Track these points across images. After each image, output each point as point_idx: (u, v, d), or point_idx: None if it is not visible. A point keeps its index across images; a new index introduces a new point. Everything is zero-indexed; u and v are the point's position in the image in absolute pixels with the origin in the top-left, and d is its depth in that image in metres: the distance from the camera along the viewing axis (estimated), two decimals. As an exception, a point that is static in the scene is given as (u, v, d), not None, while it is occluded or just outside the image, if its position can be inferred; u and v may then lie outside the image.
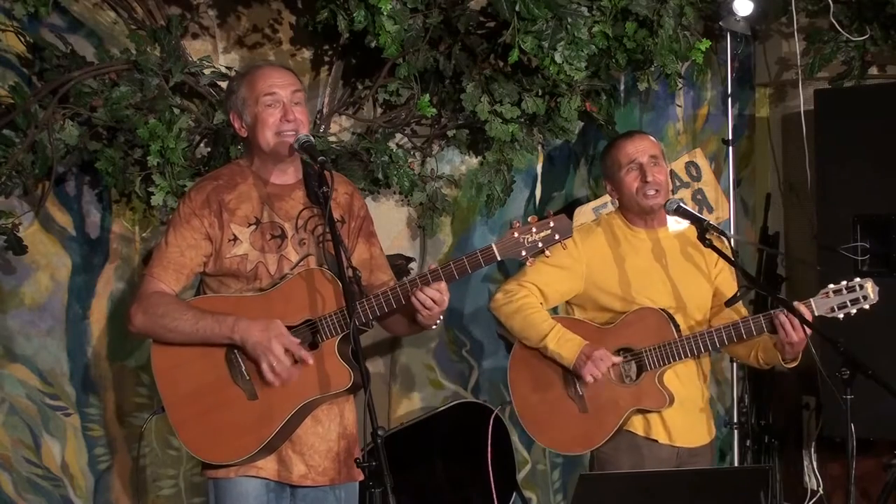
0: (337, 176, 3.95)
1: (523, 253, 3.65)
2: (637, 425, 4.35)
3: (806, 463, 6.19)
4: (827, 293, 4.19)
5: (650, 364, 4.28)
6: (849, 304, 4.17)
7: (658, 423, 4.35)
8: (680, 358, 4.28)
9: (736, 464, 5.95)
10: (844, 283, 4.19)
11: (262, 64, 3.91)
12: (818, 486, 6.13)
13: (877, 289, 4.19)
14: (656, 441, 4.35)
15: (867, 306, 4.18)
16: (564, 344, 4.30)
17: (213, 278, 3.85)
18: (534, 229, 3.65)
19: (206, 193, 3.83)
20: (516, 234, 3.66)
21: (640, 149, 4.40)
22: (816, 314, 4.19)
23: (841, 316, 4.18)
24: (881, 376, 3.99)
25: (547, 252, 3.67)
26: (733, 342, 4.29)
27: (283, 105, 3.77)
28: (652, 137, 4.51)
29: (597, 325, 4.37)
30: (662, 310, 4.31)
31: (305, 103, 3.85)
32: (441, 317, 3.79)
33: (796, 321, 4.14)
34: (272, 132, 3.78)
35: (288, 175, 3.87)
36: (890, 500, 5.61)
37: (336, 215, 3.83)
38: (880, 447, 5.69)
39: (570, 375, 4.33)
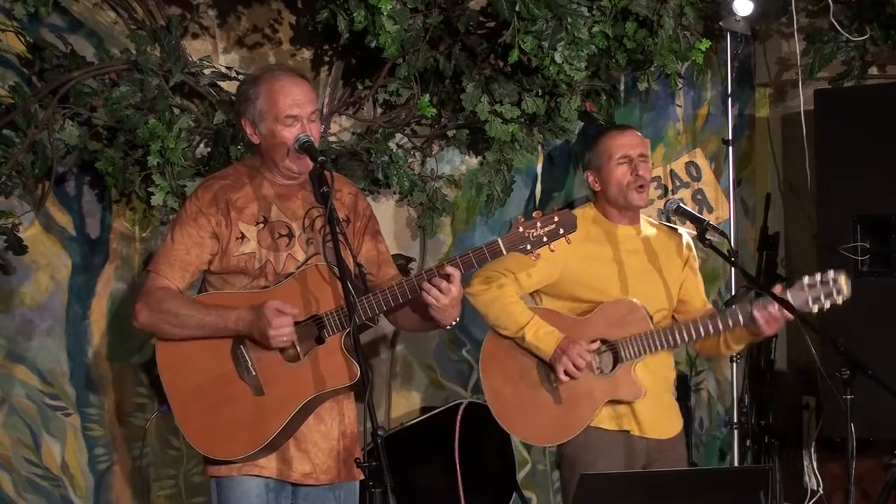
0: (340, 177, 4.00)
1: (528, 247, 3.69)
2: (607, 421, 4.35)
3: (806, 463, 6.19)
4: (802, 286, 4.21)
5: (626, 355, 4.29)
6: (822, 297, 4.19)
7: (629, 414, 4.35)
8: (655, 349, 4.30)
9: (736, 464, 5.95)
10: (819, 275, 4.20)
11: (280, 72, 3.85)
12: (818, 486, 6.13)
13: (849, 282, 4.20)
14: (628, 433, 4.35)
15: (840, 301, 4.19)
16: (543, 337, 4.30)
17: (217, 276, 3.86)
18: (538, 224, 3.69)
19: (214, 192, 3.85)
20: (521, 229, 3.70)
21: (632, 143, 4.44)
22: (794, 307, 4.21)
23: (815, 309, 4.19)
24: (881, 376, 3.99)
25: (551, 247, 3.70)
26: (709, 335, 4.31)
27: (301, 124, 3.80)
28: (640, 134, 4.53)
29: (572, 316, 4.37)
30: (637, 301, 4.32)
31: (319, 117, 3.87)
32: (456, 318, 3.80)
33: (773, 316, 4.17)
34: (285, 150, 3.80)
35: (296, 178, 3.89)
36: (890, 500, 5.61)
37: (341, 215, 3.85)
38: (880, 447, 5.70)
39: (545, 366, 4.34)
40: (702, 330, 4.29)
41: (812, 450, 6.16)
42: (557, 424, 4.35)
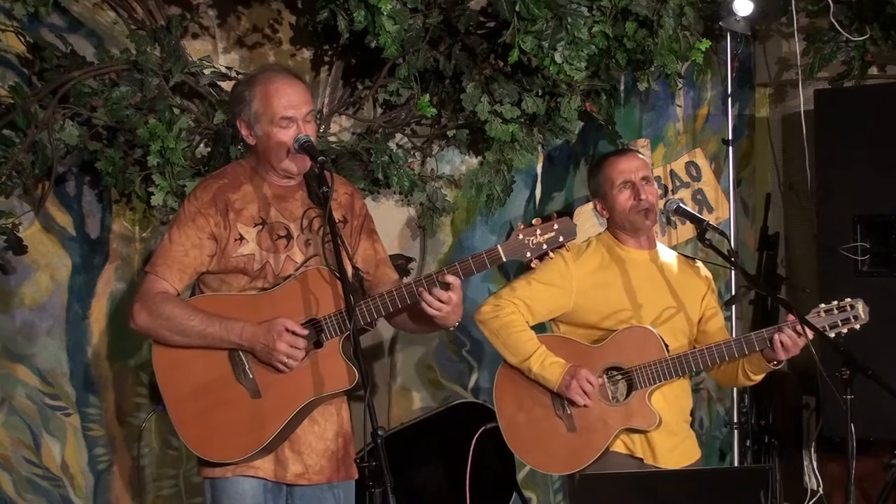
0: (336, 177, 3.98)
1: (528, 254, 3.69)
2: (620, 445, 4.33)
3: (806, 463, 6.19)
4: (818, 312, 4.21)
5: (640, 383, 4.27)
6: (840, 323, 4.19)
7: (643, 442, 4.33)
8: (670, 377, 4.27)
9: (736, 464, 5.95)
10: (836, 303, 4.21)
11: (275, 74, 3.85)
12: (818, 486, 6.13)
13: (867, 309, 4.21)
14: (641, 460, 4.33)
15: (858, 327, 4.20)
16: (548, 367, 4.29)
17: (214, 276, 3.85)
18: (538, 231, 3.69)
19: (213, 192, 3.83)
20: (521, 236, 3.70)
21: (632, 168, 4.39)
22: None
23: (832, 335, 4.18)
24: (881, 376, 3.99)
25: (551, 254, 3.70)
26: (724, 361, 4.29)
27: (296, 126, 3.79)
28: (641, 155, 4.51)
29: (585, 344, 4.35)
30: (652, 328, 4.31)
31: (315, 118, 3.88)
32: (458, 320, 3.81)
33: (793, 341, 4.15)
34: (284, 152, 3.80)
35: (292, 178, 3.89)
36: (890, 500, 5.61)
37: (338, 216, 3.85)
38: (880, 447, 5.69)
39: (558, 394, 4.31)
40: (716, 356, 4.25)
41: (812, 450, 6.15)
42: (571, 453, 4.32)
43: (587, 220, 5.58)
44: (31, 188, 4.94)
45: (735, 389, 6.05)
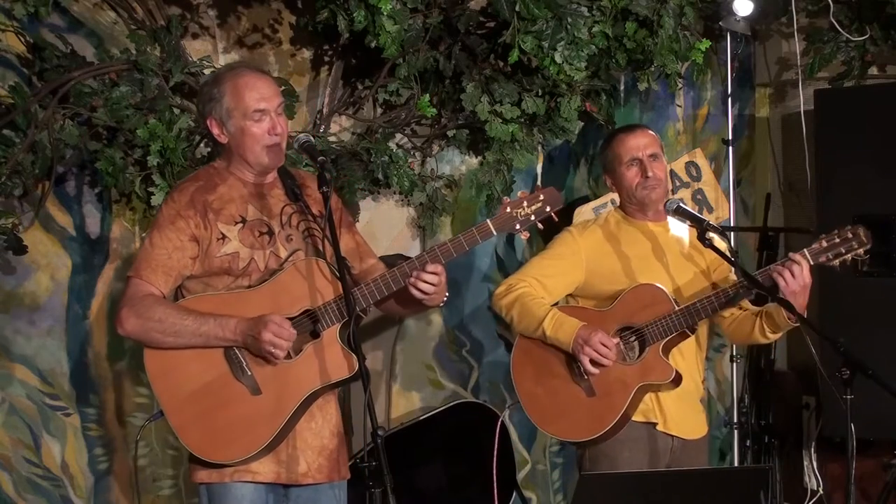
0: (308, 174, 4.01)
1: (517, 226, 3.75)
2: (639, 415, 4.33)
3: (806, 463, 6.19)
4: (820, 243, 4.21)
5: (652, 338, 4.27)
6: (843, 251, 4.19)
7: (656, 407, 4.35)
8: (681, 328, 4.27)
9: (736, 464, 5.95)
10: (836, 231, 4.21)
11: (242, 69, 3.87)
12: (818, 486, 6.12)
13: (870, 233, 4.20)
14: (654, 425, 4.35)
15: (862, 251, 4.20)
16: (560, 328, 4.29)
17: (197, 280, 3.82)
18: (525, 203, 3.76)
19: (190, 194, 3.82)
20: (509, 209, 3.75)
21: (640, 145, 4.41)
22: (812, 263, 4.20)
23: (837, 263, 4.19)
24: (881, 376, 3.99)
25: (539, 225, 3.75)
26: (733, 304, 4.30)
27: (269, 118, 3.80)
28: (651, 131, 4.51)
29: (595, 309, 4.37)
30: (658, 284, 4.31)
31: (285, 110, 3.91)
32: (446, 295, 3.85)
33: (795, 270, 4.16)
34: (260, 146, 3.80)
35: (266, 175, 3.90)
36: (890, 500, 5.61)
37: (314, 210, 3.87)
38: (880, 447, 5.69)
39: (575, 361, 4.32)
40: (723, 299, 4.25)
41: (812, 450, 6.15)
42: (592, 417, 4.31)
43: (587, 219, 5.57)
44: (31, 188, 4.94)
45: (735, 389, 6.05)
